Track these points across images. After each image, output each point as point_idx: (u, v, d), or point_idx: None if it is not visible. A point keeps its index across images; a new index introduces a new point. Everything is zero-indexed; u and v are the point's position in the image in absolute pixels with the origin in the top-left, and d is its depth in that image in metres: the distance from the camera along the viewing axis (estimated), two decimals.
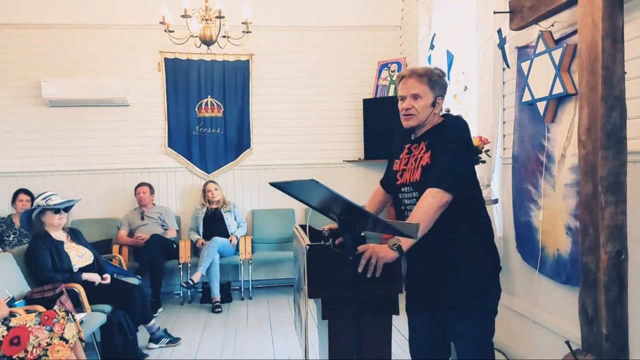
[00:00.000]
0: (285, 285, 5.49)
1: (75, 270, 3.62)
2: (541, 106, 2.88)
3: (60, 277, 3.48)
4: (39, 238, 3.62)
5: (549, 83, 2.76)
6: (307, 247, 2.05)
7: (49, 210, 3.65)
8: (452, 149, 2.05)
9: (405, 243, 1.93)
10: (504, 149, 3.49)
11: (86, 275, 3.62)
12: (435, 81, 2.14)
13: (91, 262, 3.77)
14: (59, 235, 3.73)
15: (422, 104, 2.12)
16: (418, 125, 2.16)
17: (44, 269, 3.49)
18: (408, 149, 2.20)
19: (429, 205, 1.96)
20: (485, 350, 2.20)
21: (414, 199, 2.11)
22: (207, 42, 4.17)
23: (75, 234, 3.90)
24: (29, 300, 3.26)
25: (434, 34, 4.32)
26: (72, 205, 3.92)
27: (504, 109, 3.48)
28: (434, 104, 2.13)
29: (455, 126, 2.13)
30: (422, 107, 2.12)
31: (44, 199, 3.69)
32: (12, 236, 4.89)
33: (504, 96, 3.47)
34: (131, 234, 5.18)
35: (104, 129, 5.42)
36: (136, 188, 5.30)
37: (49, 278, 3.45)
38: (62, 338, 2.62)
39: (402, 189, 2.18)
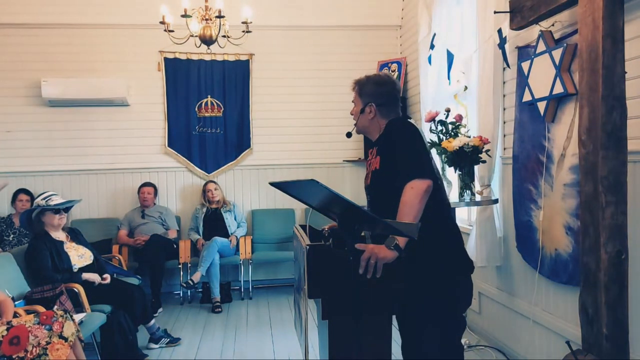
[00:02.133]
0: (285, 285, 5.49)
1: (75, 270, 3.62)
2: (541, 106, 2.88)
3: (60, 277, 3.48)
4: (38, 238, 3.61)
5: (549, 83, 2.76)
6: (307, 247, 2.05)
7: (49, 211, 3.65)
8: (405, 143, 2.08)
9: (402, 241, 1.93)
10: (504, 148, 3.49)
11: (86, 275, 3.62)
12: (363, 89, 2.27)
13: (91, 262, 3.77)
14: (58, 235, 3.73)
15: (354, 110, 2.34)
16: (364, 132, 2.33)
17: (44, 268, 3.48)
18: (369, 155, 2.31)
19: (412, 195, 1.96)
20: None
21: (369, 203, 2.24)
22: (207, 42, 4.17)
23: (75, 234, 3.89)
24: (28, 300, 3.26)
25: (434, 34, 4.31)
26: (72, 206, 3.92)
27: (504, 109, 3.48)
28: (362, 111, 2.26)
29: (397, 126, 2.17)
30: (355, 113, 2.33)
31: (44, 199, 3.69)
32: (12, 236, 4.89)
33: (504, 96, 3.47)
34: (131, 233, 5.18)
35: (104, 129, 5.41)
36: (140, 187, 5.29)
37: (49, 278, 3.44)
38: (61, 336, 2.62)
39: (366, 195, 2.30)
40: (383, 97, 2.24)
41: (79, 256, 3.72)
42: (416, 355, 2.16)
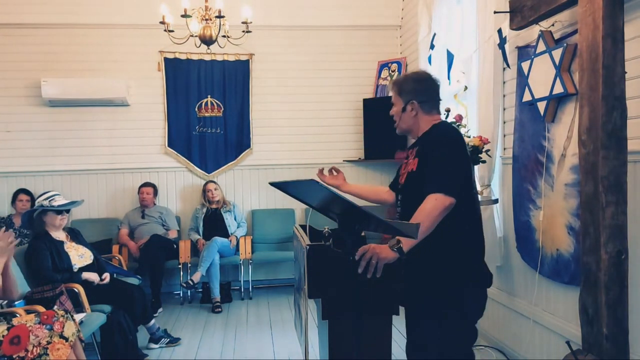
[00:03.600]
0: (285, 285, 5.49)
1: (75, 270, 3.62)
2: (541, 106, 2.88)
3: (60, 277, 3.48)
4: (39, 238, 3.61)
5: (549, 83, 2.76)
6: (307, 247, 2.05)
7: (52, 211, 3.64)
8: (443, 153, 2.05)
9: (406, 244, 1.91)
10: (504, 148, 3.49)
11: (86, 275, 3.62)
12: (403, 87, 2.22)
13: (91, 261, 3.77)
14: (59, 235, 3.72)
15: (395, 110, 2.26)
16: (406, 131, 2.27)
17: (44, 268, 3.48)
18: (407, 155, 2.28)
19: (432, 207, 1.94)
20: None
21: (400, 202, 2.24)
22: (207, 42, 4.17)
23: (74, 234, 3.89)
24: (28, 300, 3.26)
25: (434, 34, 4.31)
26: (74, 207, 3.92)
27: (504, 109, 3.48)
28: (404, 109, 2.21)
29: (442, 131, 2.15)
30: (396, 114, 2.25)
31: (47, 199, 3.68)
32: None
33: (504, 96, 3.47)
34: (131, 233, 5.18)
35: (104, 129, 5.42)
36: (140, 187, 5.29)
37: (49, 277, 3.44)
38: (61, 336, 2.62)
39: (397, 195, 2.31)
40: (424, 93, 2.21)
41: (79, 256, 3.72)
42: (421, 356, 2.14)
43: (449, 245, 2.03)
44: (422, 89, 2.21)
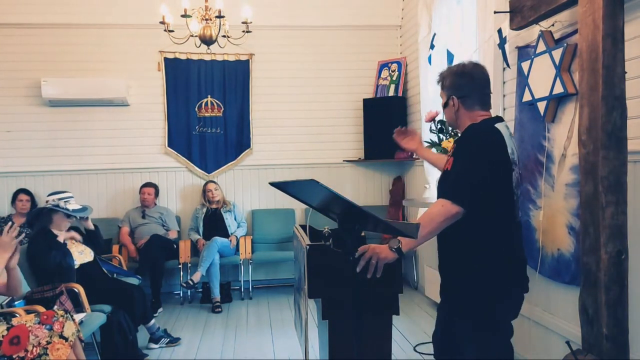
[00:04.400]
0: (285, 285, 5.49)
1: (76, 266, 3.62)
2: (541, 106, 2.88)
3: (61, 271, 3.47)
4: (41, 233, 3.61)
5: (549, 83, 2.76)
6: (307, 247, 2.05)
7: (62, 213, 3.63)
8: (463, 160, 1.98)
9: (406, 245, 1.91)
10: None
11: (68, 234, 3.67)
12: (445, 82, 2.17)
13: (92, 259, 3.78)
14: (60, 233, 3.72)
15: (442, 104, 2.21)
16: (453, 126, 2.25)
17: (46, 261, 3.44)
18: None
19: (437, 213, 1.92)
20: None
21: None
22: (207, 41, 4.17)
23: (90, 233, 3.93)
24: (28, 300, 3.26)
25: (434, 34, 4.31)
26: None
27: (504, 109, 3.48)
28: (446, 104, 2.16)
29: (470, 136, 2.04)
30: (443, 109, 2.22)
31: (62, 199, 3.67)
32: None
33: (504, 96, 3.47)
34: (131, 232, 5.18)
35: (104, 129, 5.41)
36: (141, 188, 5.29)
37: (51, 271, 3.42)
38: (61, 336, 2.62)
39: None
40: (463, 88, 2.10)
41: (79, 252, 3.73)
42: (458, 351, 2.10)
43: (474, 258, 1.98)
44: (463, 84, 2.11)
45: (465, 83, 2.11)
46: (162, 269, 4.90)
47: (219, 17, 4.00)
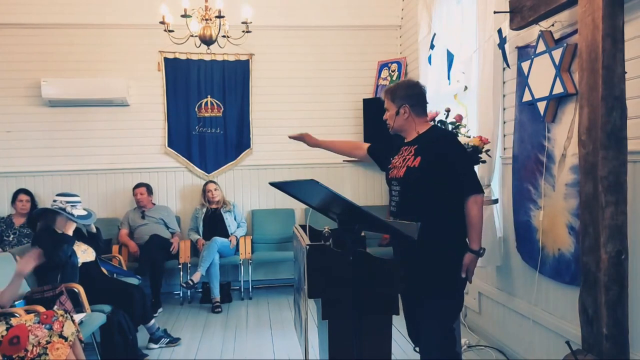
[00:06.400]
0: (285, 285, 5.49)
1: (79, 265, 3.62)
2: (541, 106, 2.88)
3: (66, 267, 3.46)
4: (45, 230, 3.60)
5: (549, 83, 2.76)
6: (307, 247, 2.05)
7: (66, 216, 3.62)
8: (465, 159, 2.50)
9: (478, 244, 2.41)
10: (504, 148, 3.49)
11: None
12: (396, 94, 2.55)
13: (93, 258, 3.78)
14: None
15: (388, 115, 2.62)
16: (400, 131, 2.61)
17: (55, 256, 3.41)
18: (401, 151, 2.58)
19: (478, 209, 2.39)
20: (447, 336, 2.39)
21: (398, 192, 2.51)
22: (207, 41, 4.17)
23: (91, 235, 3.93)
24: (28, 300, 3.26)
25: (434, 34, 4.31)
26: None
27: (504, 109, 3.48)
28: (397, 113, 2.54)
29: (451, 139, 2.51)
30: (390, 117, 2.60)
31: (69, 202, 3.65)
32: (12, 236, 4.89)
33: (504, 96, 3.47)
34: (131, 233, 5.18)
35: (104, 129, 5.41)
36: (134, 189, 5.29)
37: (59, 264, 3.41)
38: (61, 336, 2.62)
39: (392, 183, 2.57)
40: (414, 98, 2.54)
41: (82, 251, 3.74)
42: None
43: (454, 222, 2.41)
44: (412, 94, 2.54)
45: (415, 94, 2.55)
46: (162, 269, 4.90)
47: (219, 17, 4.00)
